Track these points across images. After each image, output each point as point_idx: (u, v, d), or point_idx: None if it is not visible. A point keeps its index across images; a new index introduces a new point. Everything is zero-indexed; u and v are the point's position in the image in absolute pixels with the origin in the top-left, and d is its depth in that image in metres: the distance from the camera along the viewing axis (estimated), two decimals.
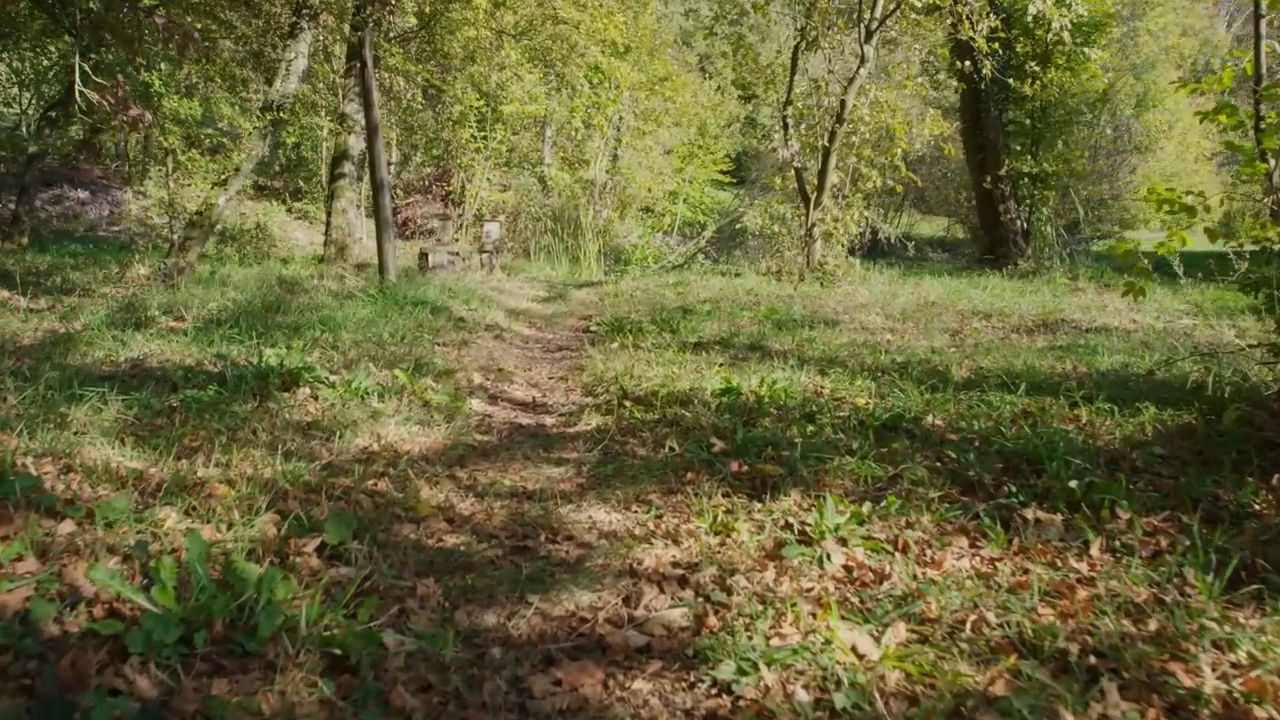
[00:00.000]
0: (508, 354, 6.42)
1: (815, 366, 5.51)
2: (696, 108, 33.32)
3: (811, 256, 9.50)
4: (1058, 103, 13.12)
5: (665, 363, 5.46)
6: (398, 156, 22.06)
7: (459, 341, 6.54)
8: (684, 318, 7.32)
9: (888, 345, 6.55)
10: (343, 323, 6.44)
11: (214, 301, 7.48)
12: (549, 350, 6.77)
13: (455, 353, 6.11)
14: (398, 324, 6.65)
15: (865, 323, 7.61)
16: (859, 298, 8.83)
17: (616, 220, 25.64)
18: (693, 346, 6.23)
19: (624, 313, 8.00)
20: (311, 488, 2.78)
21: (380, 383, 4.69)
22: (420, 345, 6.06)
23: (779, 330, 6.97)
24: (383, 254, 8.21)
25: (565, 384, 5.34)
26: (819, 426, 3.87)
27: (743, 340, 6.43)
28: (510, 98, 18.35)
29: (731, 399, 4.49)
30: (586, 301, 9.37)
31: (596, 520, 2.83)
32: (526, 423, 4.42)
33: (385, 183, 8.07)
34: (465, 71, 13.64)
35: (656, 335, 6.72)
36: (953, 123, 10.63)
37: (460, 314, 7.62)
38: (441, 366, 5.26)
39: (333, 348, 5.57)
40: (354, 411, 4.05)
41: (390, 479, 3.07)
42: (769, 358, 5.94)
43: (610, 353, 5.98)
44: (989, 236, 14.04)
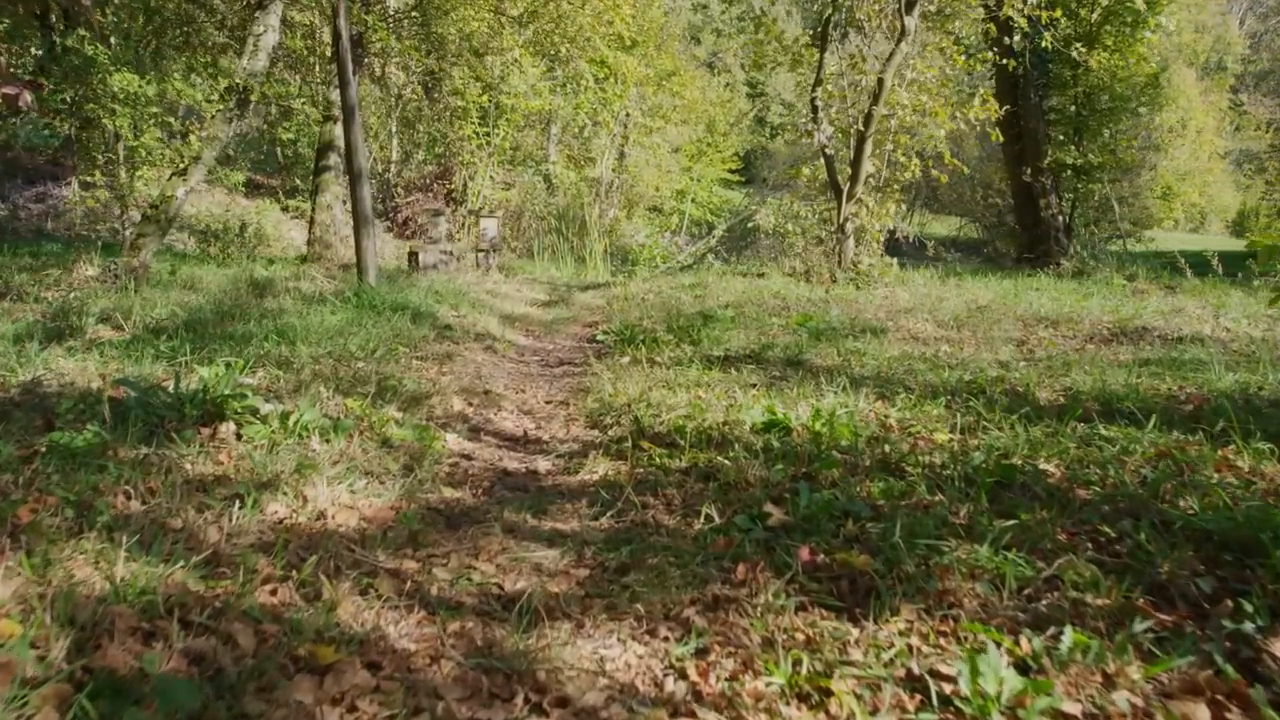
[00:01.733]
0: (498, 370, 5.41)
1: (871, 388, 4.48)
2: (705, 104, 32.40)
3: (844, 255, 8.48)
4: (1104, 88, 12.06)
5: (688, 384, 4.45)
6: (398, 154, 21.15)
7: (441, 355, 5.54)
8: (705, 326, 6.31)
9: (947, 358, 5.53)
10: (303, 333, 5.45)
11: (164, 307, 6.50)
12: (548, 365, 5.76)
13: (435, 369, 5.11)
14: (370, 334, 5.66)
15: (914, 330, 6.59)
16: (900, 301, 7.80)
17: (623, 219, 24.69)
18: (719, 361, 5.22)
19: (635, 319, 6.99)
20: (158, 611, 1.78)
21: (330, 414, 3.69)
22: (393, 361, 5.06)
23: (817, 340, 5.95)
24: (361, 253, 7.22)
25: (566, 411, 4.33)
26: (908, 483, 2.85)
27: (777, 354, 5.41)
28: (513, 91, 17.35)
29: (779, 437, 3.47)
30: (592, 305, 8.36)
31: (605, 658, 1.82)
32: (514, 468, 3.41)
33: (364, 172, 7.08)
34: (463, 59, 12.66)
35: (674, 347, 5.71)
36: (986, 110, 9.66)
37: (447, 320, 6.62)
38: (412, 390, 4.25)
39: (283, 365, 4.57)
40: (283, 459, 3.05)
41: (297, 582, 2.06)
42: (812, 376, 4.93)
43: (620, 369, 4.98)
44: (1028, 234, 12.99)
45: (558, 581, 2.22)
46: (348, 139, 7.03)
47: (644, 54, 26.16)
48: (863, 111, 8.20)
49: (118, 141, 7.74)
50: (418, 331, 6.08)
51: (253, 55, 7.65)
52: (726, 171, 33.64)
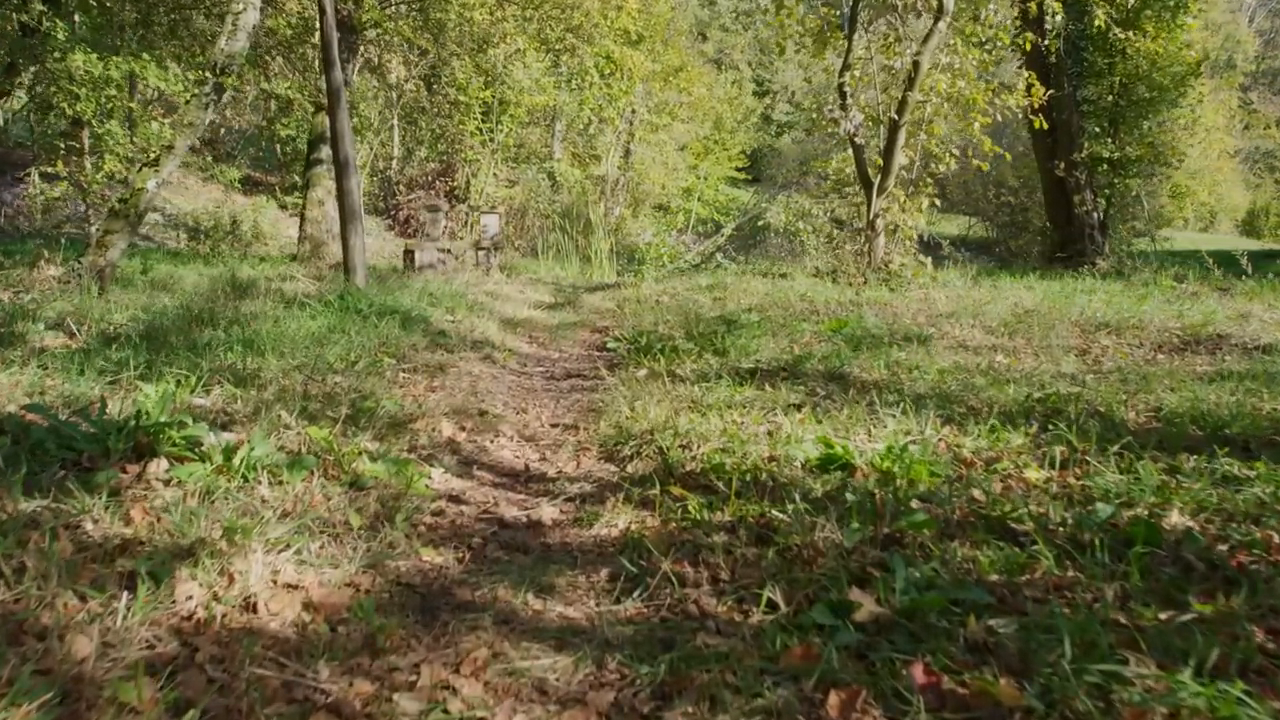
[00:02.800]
0: (497, 384, 4.74)
1: (933, 408, 3.81)
2: (712, 101, 31.83)
3: (874, 254, 7.81)
4: (1142, 77, 11.34)
5: (719, 405, 3.78)
6: (400, 150, 20.57)
7: (432, 366, 4.88)
8: (729, 333, 5.64)
9: (1006, 371, 4.86)
10: (275, 342, 4.80)
11: (127, 311, 5.86)
12: (553, 377, 5.10)
13: (423, 385, 4.45)
14: (352, 343, 5.00)
15: (962, 338, 5.91)
16: (938, 304, 7.12)
17: (629, 218, 24.08)
18: (750, 375, 4.54)
19: (649, 324, 6.33)
20: None
21: (289, 447, 3.03)
22: (375, 375, 4.40)
23: (857, 350, 5.28)
24: (349, 251, 6.57)
25: (575, 437, 3.66)
26: (1025, 550, 2.18)
27: (815, 366, 4.74)
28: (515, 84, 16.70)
29: (841, 478, 2.81)
30: (601, 309, 7.69)
31: None
32: (513, 516, 2.75)
33: (351, 161, 6.42)
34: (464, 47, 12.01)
35: (697, 357, 5.04)
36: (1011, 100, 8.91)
37: (441, 326, 5.96)
38: (393, 412, 3.59)
39: (245, 382, 3.91)
40: (220, 511, 2.40)
41: None
42: (858, 392, 4.26)
43: (638, 385, 4.31)
44: (1060, 232, 12.27)
45: (572, 716, 1.55)
46: (333, 125, 6.37)
47: (650, 48, 25.59)
48: (895, 97, 7.53)
49: (81, 129, 7.09)
50: (407, 339, 5.42)
51: (231, 35, 7.00)
52: (733, 170, 33.05)
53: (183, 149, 6.94)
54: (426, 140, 20.64)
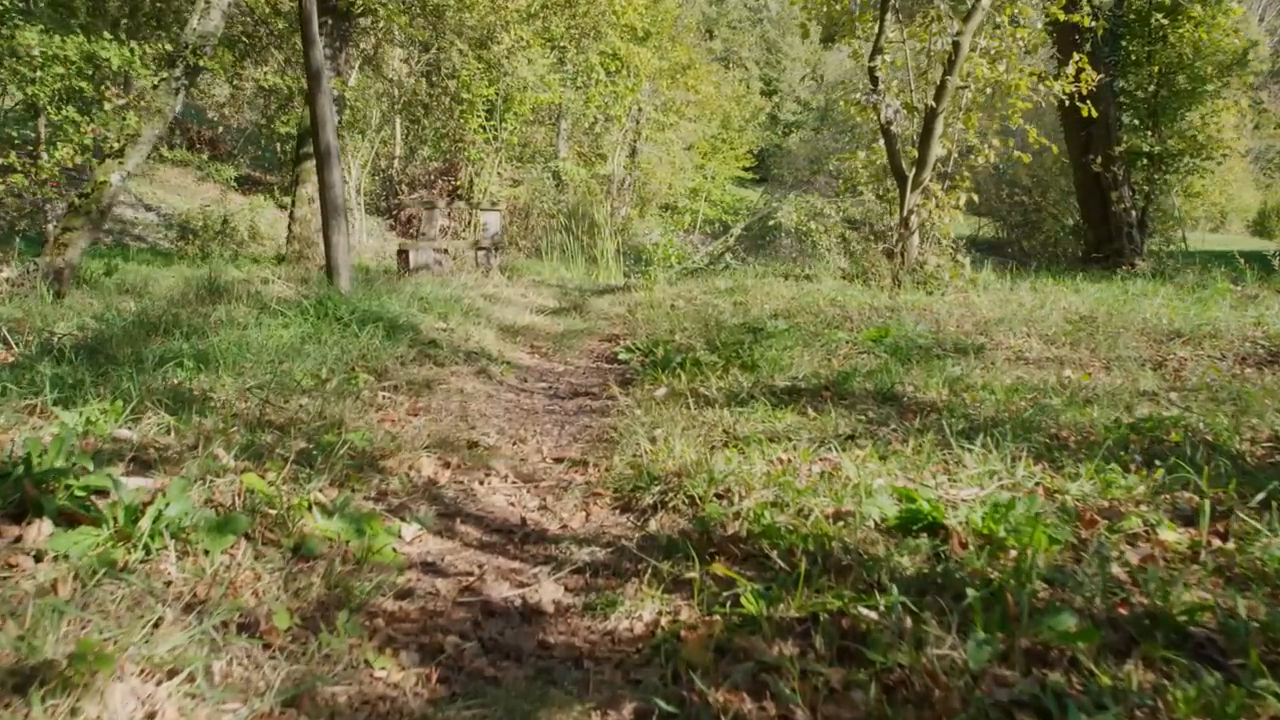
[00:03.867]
0: (492, 405, 4.08)
1: (1012, 439, 3.15)
2: (720, 99, 31.29)
3: (907, 254, 7.13)
4: (1185, 66, 10.61)
5: (758, 436, 3.11)
6: (402, 149, 20.00)
7: (419, 383, 4.22)
8: (756, 343, 4.97)
9: (1079, 389, 4.20)
10: (236, 355, 4.15)
11: (80, 318, 5.22)
12: (557, 395, 4.44)
13: (406, 406, 3.79)
14: (326, 356, 4.35)
15: (1018, 348, 5.24)
16: (981, 309, 6.44)
17: (635, 218, 23.51)
18: (788, 396, 3.88)
19: (665, 332, 5.67)
20: None
21: (219, 500, 2.38)
22: (350, 395, 3.75)
23: (905, 363, 4.61)
24: (331, 251, 5.92)
25: (584, 477, 3.00)
26: (1250, 688, 1.51)
27: (862, 383, 4.07)
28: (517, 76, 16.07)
29: (933, 546, 2.14)
30: (610, 314, 7.02)
31: None
32: (502, 599, 2.09)
33: (333, 151, 5.78)
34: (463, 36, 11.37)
35: (723, 372, 4.37)
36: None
37: (432, 335, 5.31)
38: (360, 448, 2.93)
39: (189, 407, 3.26)
40: (99, 597, 1.75)
41: None
42: (918, 416, 3.60)
43: (657, 408, 3.65)
44: (1094, 231, 11.56)
45: None
46: (313, 111, 5.73)
47: (657, 45, 25.03)
48: (933, 81, 6.86)
49: (37, 116, 6.46)
50: (391, 350, 4.76)
51: (204, 14, 6.36)
52: (740, 169, 32.48)
53: (150, 139, 6.30)
54: (430, 139, 20.10)
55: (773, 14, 44.19)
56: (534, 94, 19.34)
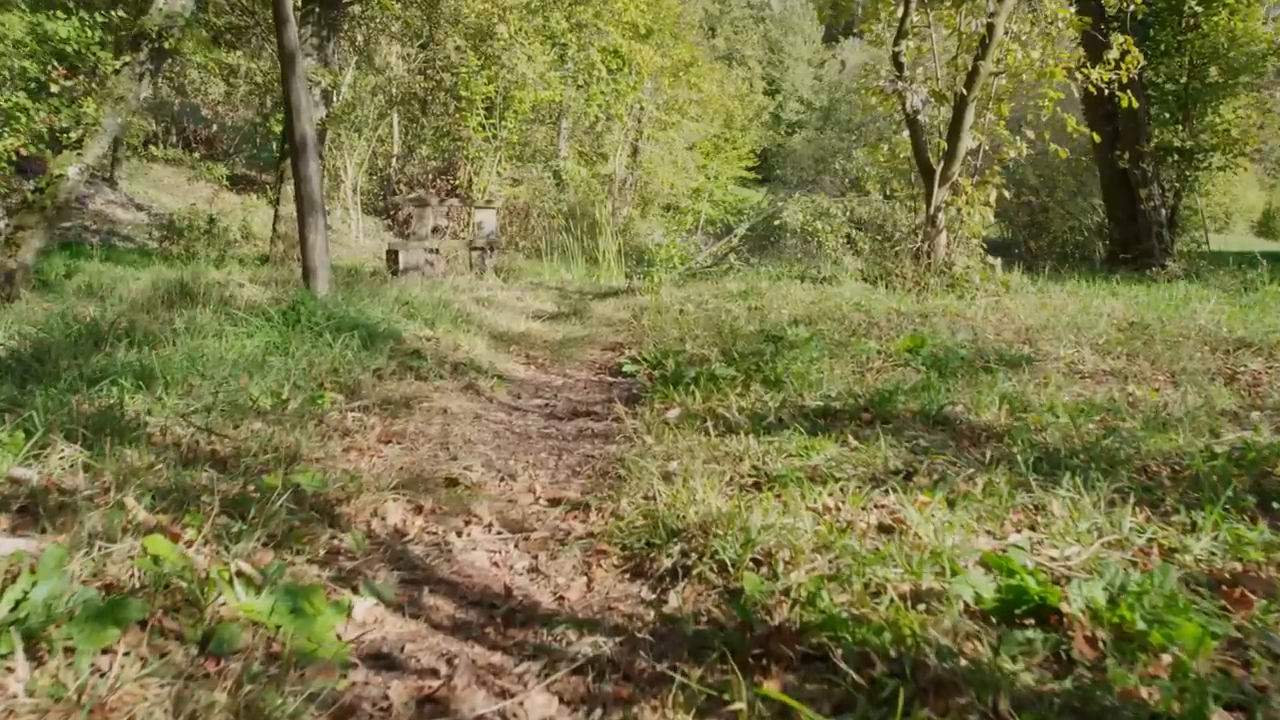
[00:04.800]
0: (479, 429, 3.54)
1: (1100, 476, 2.62)
2: (723, 98, 30.85)
3: (934, 254, 6.59)
4: (1219, 56, 10.05)
5: (795, 474, 2.57)
6: (400, 148, 19.52)
7: (396, 402, 3.69)
8: (777, 353, 4.43)
9: (1152, 409, 3.67)
10: (186, 370, 3.62)
11: (21, 325, 4.69)
12: (555, 415, 3.89)
13: (378, 432, 3.25)
14: (292, 369, 3.81)
15: (1069, 359, 4.69)
16: (1019, 315, 5.90)
17: (637, 218, 23.07)
18: (822, 420, 3.34)
19: (674, 340, 5.13)
20: None
21: (115, 573, 1.84)
22: (313, 419, 3.21)
23: (948, 377, 4.07)
24: (308, 251, 5.38)
25: (585, 525, 2.45)
26: None
27: (906, 404, 3.53)
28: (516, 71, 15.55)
29: (1054, 643, 1.60)
30: (613, 319, 6.48)
31: None
32: (474, 717, 1.54)
33: (309, 141, 5.24)
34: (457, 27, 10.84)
35: (743, 389, 3.83)
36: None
37: (416, 344, 4.77)
38: (313, 490, 2.39)
39: (115, 436, 2.72)
40: None
41: None
42: (976, 445, 3.07)
43: (670, 435, 3.11)
44: (1121, 230, 11.00)
45: None
46: (287, 96, 5.19)
47: (659, 43, 24.58)
48: (963, 67, 6.31)
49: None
50: (369, 362, 4.23)
51: None
52: (743, 169, 32.02)
53: (112, 128, 5.77)
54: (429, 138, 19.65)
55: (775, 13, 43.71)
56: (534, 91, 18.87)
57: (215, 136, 21.69)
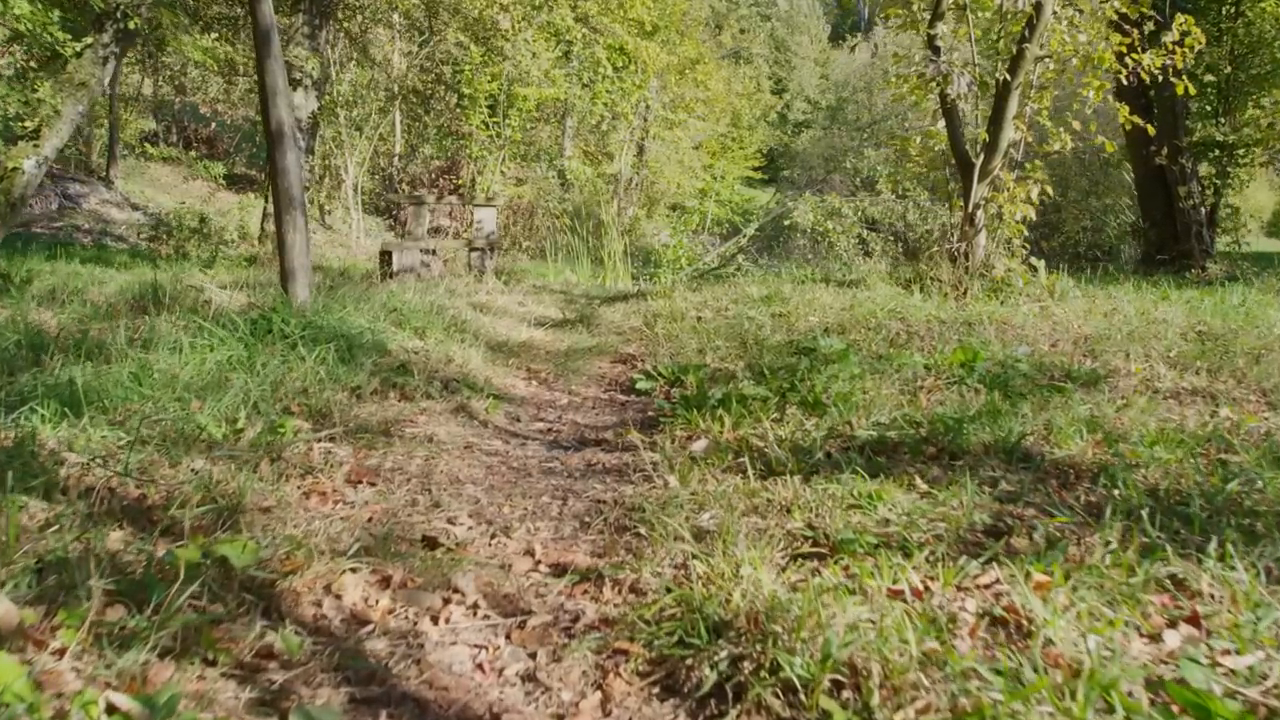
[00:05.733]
0: (468, 465, 2.99)
1: (1238, 534, 2.08)
2: (730, 96, 30.39)
3: (973, 255, 6.03)
4: (1266, 43, 9.47)
5: (864, 538, 2.03)
6: (402, 147, 19.05)
7: (374, 429, 3.15)
8: (812, 368, 3.88)
9: (1259, 437, 3.12)
10: (131, 391, 3.09)
11: None
12: (559, 445, 3.35)
13: (346, 469, 2.71)
14: (254, 389, 3.27)
15: (1142, 375, 4.13)
16: (1073, 324, 5.33)
17: (643, 218, 22.60)
18: (879, 453, 2.80)
19: (693, 352, 4.59)
20: None
21: None
22: (267, 455, 2.67)
23: (1013, 398, 3.52)
24: (286, 251, 4.85)
25: (597, 606, 1.90)
26: None
27: (977, 434, 2.98)
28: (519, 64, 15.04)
29: None
30: (623, 327, 5.93)
31: None
32: None
33: (286, 129, 4.71)
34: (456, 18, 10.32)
35: (777, 414, 3.29)
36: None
37: (402, 357, 4.23)
38: (242, 565, 1.85)
39: (27, 478, 2.18)
40: None
41: None
42: (1065, 486, 2.53)
43: (697, 472, 2.57)
44: (1157, 230, 10.43)
45: None
46: (262, 79, 4.66)
47: (665, 40, 24.12)
48: (1007, 51, 5.75)
49: None
50: (348, 379, 3.69)
51: None
52: (750, 169, 31.53)
53: (73, 117, 5.25)
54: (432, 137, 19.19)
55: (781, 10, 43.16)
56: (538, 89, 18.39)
57: (216, 135, 21.26)
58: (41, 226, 15.86)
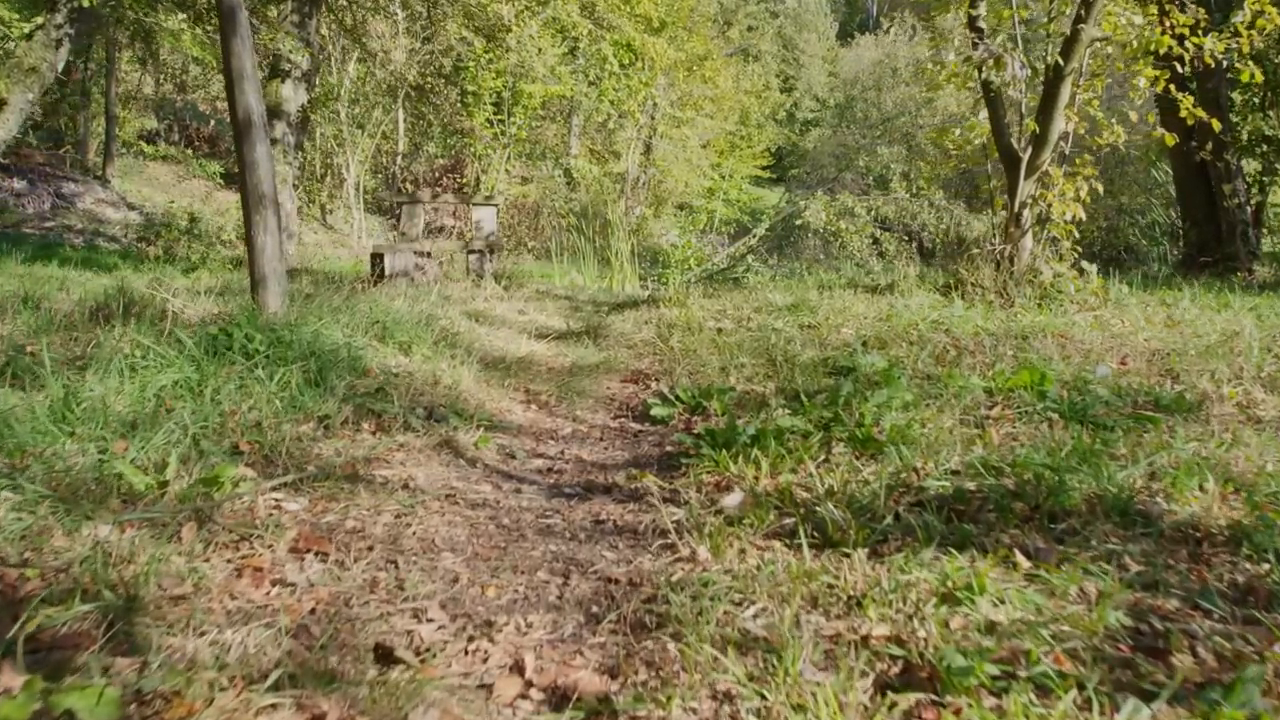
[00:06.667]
0: (449, 523, 2.44)
1: None
2: (738, 94, 29.90)
3: (1019, 258, 5.47)
4: None
5: (974, 659, 1.48)
6: (405, 145, 18.57)
7: (338, 472, 2.61)
8: (856, 393, 3.32)
9: None
10: (52, 424, 2.56)
11: None
12: (559, 491, 2.79)
13: (292, 535, 2.17)
14: (191, 424, 2.73)
15: (1236, 400, 3.56)
16: (1138, 337, 4.75)
17: (650, 217, 22.11)
18: (956, 514, 2.24)
19: (715, 370, 4.03)
20: None
21: None
22: (192, 518, 2.13)
23: (1105, 437, 2.95)
24: (255, 255, 4.31)
25: None
26: None
27: (1067, 479, 2.41)
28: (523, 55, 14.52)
29: None
30: (634, 339, 5.37)
31: None
32: None
33: (255, 119, 4.17)
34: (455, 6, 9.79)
35: (822, 451, 2.73)
36: None
37: (383, 378, 3.69)
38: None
39: None
40: None
41: None
42: (1200, 561, 1.97)
43: (734, 544, 2.02)
44: (1198, 230, 9.83)
45: None
46: (227, 61, 4.12)
47: (673, 36, 23.65)
48: (1059, 33, 5.18)
49: None
50: (315, 406, 3.15)
51: None
52: (758, 168, 31.02)
53: (22, 106, 4.74)
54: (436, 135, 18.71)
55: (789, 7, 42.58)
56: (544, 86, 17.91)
57: (217, 134, 20.82)
58: (32, 226, 15.41)
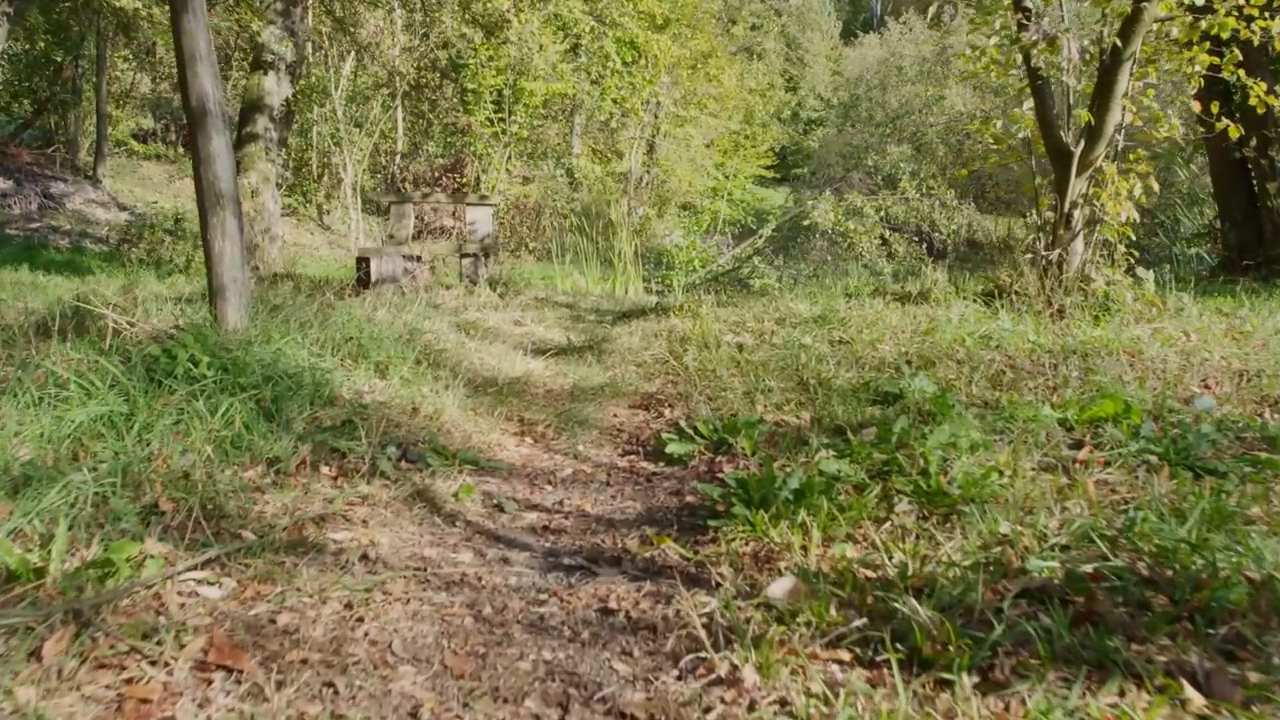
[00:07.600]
0: (410, 620, 1.90)
1: None
2: (742, 92, 29.47)
3: (1068, 264, 4.93)
4: None
5: None
6: (404, 144, 18.08)
7: (280, 539, 2.08)
8: (910, 428, 2.78)
9: None
10: None
11: None
12: (555, 560, 2.25)
13: (202, 643, 1.64)
14: (104, 473, 2.20)
15: None
16: (1211, 354, 4.20)
17: (654, 218, 21.64)
18: (1084, 614, 1.70)
19: (739, 396, 3.49)
20: None
21: None
22: (80, 617, 1.60)
23: (1220, 485, 2.41)
24: (213, 261, 3.78)
25: None
26: None
27: (1211, 563, 1.87)
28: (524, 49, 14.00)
29: None
30: (642, 356, 4.81)
31: None
32: None
33: (211, 107, 3.64)
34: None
35: (881, 510, 2.20)
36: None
37: (352, 407, 3.15)
38: None
39: None
40: None
41: None
42: None
43: (787, 658, 1.49)
44: (1237, 232, 9.28)
45: None
46: (178, 41, 3.59)
47: (676, 33, 23.22)
48: (1119, 12, 4.63)
49: None
50: (266, 446, 2.62)
51: None
52: (762, 168, 30.57)
53: None
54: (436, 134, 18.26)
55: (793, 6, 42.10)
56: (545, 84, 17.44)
57: None
58: (17, 228, 14.92)
